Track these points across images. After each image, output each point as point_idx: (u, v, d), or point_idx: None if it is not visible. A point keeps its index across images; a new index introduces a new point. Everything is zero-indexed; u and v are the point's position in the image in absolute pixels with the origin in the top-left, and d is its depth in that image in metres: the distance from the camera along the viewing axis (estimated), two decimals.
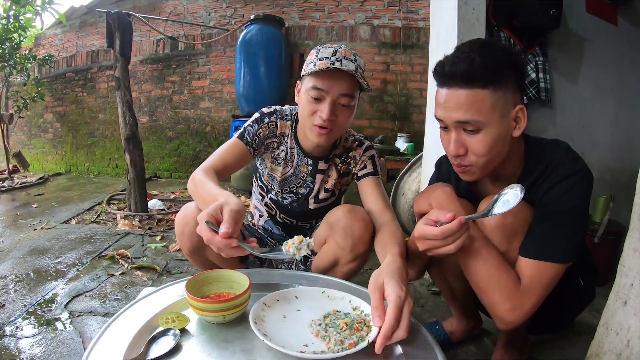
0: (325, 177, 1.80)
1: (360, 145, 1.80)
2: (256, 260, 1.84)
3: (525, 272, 1.19)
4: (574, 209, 1.18)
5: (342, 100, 1.53)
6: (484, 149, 1.19)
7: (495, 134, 1.18)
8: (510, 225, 1.23)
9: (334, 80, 1.51)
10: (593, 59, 2.81)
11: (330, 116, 1.51)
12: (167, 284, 1.25)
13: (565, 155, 1.23)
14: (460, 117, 1.17)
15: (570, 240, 1.18)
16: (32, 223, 3.69)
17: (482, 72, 1.13)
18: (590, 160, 2.73)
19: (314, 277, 1.38)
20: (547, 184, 1.22)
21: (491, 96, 1.14)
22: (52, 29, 6.94)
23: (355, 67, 1.53)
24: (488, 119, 1.16)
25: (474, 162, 1.23)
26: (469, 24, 2.25)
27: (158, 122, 6.17)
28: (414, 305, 2.11)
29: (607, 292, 2.18)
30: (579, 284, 1.41)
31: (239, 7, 5.72)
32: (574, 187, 1.18)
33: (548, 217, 1.19)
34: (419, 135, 4.63)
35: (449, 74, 1.17)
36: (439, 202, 1.31)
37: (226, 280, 1.17)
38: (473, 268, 1.24)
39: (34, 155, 7.29)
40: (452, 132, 1.22)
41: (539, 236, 1.20)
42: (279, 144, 1.78)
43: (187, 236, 1.56)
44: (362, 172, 1.76)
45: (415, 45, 5.28)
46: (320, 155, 1.76)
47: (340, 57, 1.52)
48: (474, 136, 1.19)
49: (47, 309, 2.04)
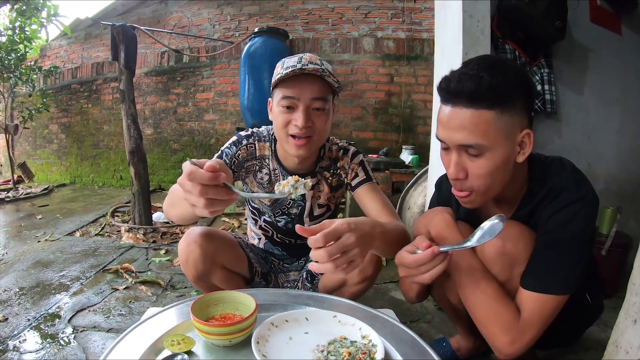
0: (316, 192, 1.76)
1: (346, 152, 1.73)
2: (262, 281, 1.82)
3: (526, 305, 1.16)
4: (578, 237, 1.15)
5: (315, 104, 1.49)
6: (485, 175, 1.14)
7: (499, 159, 1.12)
8: (510, 254, 1.21)
9: (303, 86, 1.47)
10: (598, 69, 2.81)
11: (305, 123, 1.47)
12: (172, 304, 1.24)
13: (570, 178, 1.20)
14: (462, 139, 1.12)
15: (573, 270, 1.15)
16: (36, 235, 3.69)
17: (490, 92, 1.07)
18: (596, 170, 2.77)
19: (321, 298, 1.36)
20: (550, 209, 1.18)
21: (497, 119, 1.09)
22: (57, 41, 6.98)
23: (322, 69, 1.48)
24: (492, 143, 1.10)
25: (474, 187, 1.18)
26: (473, 37, 2.25)
27: (162, 134, 6.18)
28: (420, 320, 2.10)
29: (615, 304, 2.16)
30: (587, 300, 1.39)
31: (243, 19, 5.75)
32: (579, 214, 1.14)
33: (551, 246, 1.16)
34: (423, 147, 4.65)
35: (454, 91, 1.11)
36: (437, 230, 1.30)
37: (232, 301, 1.16)
38: (472, 300, 1.22)
39: (38, 166, 7.31)
40: (453, 153, 1.17)
41: (541, 267, 1.16)
42: (260, 167, 1.72)
43: (191, 264, 1.55)
44: (355, 181, 1.69)
45: (419, 57, 5.28)
46: (305, 171, 1.70)
47: (306, 62, 1.48)
48: (476, 160, 1.13)
49: (51, 324, 2.03)
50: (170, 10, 6.06)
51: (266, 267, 1.86)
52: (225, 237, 1.69)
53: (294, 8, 5.59)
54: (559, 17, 2.49)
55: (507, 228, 1.16)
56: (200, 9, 5.90)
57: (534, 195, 1.24)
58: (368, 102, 5.40)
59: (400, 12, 5.31)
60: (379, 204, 1.60)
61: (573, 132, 2.79)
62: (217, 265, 1.61)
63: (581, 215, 1.14)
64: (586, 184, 1.18)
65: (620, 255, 2.40)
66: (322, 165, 1.73)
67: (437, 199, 1.57)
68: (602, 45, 2.81)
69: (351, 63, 5.37)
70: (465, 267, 1.21)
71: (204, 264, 1.55)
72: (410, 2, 5.29)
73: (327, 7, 5.51)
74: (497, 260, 1.22)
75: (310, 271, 1.78)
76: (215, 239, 1.58)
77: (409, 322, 2.10)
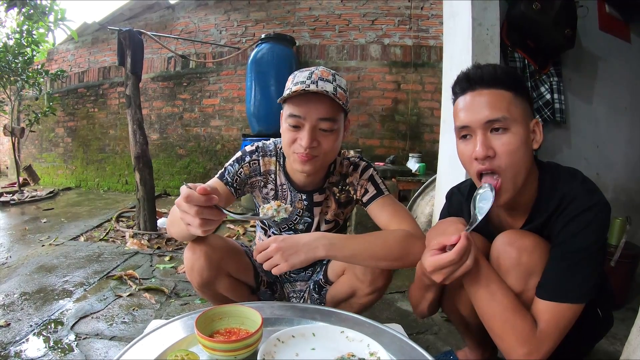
0: (324, 208, 1.70)
1: (355, 168, 1.65)
2: (268, 290, 1.80)
3: (543, 315, 1.15)
4: (591, 246, 1.14)
5: (322, 125, 1.42)
6: (513, 151, 1.17)
7: (523, 135, 1.17)
8: (525, 265, 1.19)
9: (310, 105, 1.41)
10: (607, 77, 2.80)
11: (310, 143, 1.41)
12: (176, 317, 1.22)
13: (581, 188, 1.19)
14: (489, 114, 1.17)
15: (588, 279, 1.15)
16: (41, 239, 3.68)
17: (506, 76, 1.18)
18: (604, 180, 2.74)
19: (328, 312, 1.34)
20: (563, 219, 1.18)
21: (514, 98, 1.18)
22: (64, 44, 7.02)
23: (334, 87, 1.42)
24: (515, 117, 1.17)
25: (503, 165, 1.18)
26: (483, 45, 2.24)
27: (168, 139, 6.19)
28: (427, 332, 2.08)
29: (623, 315, 2.16)
30: (597, 314, 1.37)
31: (249, 25, 5.76)
32: (592, 223, 1.14)
33: (565, 256, 1.15)
34: (430, 155, 4.64)
35: (474, 77, 1.20)
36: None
37: (237, 315, 1.14)
38: (488, 312, 1.20)
39: (44, 169, 7.33)
40: (477, 135, 1.20)
41: (556, 277, 1.16)
42: (266, 182, 1.66)
43: (197, 271, 1.53)
44: (366, 197, 1.62)
45: (426, 64, 5.27)
46: (314, 187, 1.64)
47: (315, 79, 1.42)
48: (502, 137, 1.17)
49: (54, 330, 2.01)
50: (178, 16, 6.08)
51: (272, 277, 1.84)
52: (232, 245, 1.67)
53: (300, 14, 5.60)
54: (568, 25, 2.47)
55: (522, 239, 1.21)
56: (207, 15, 5.92)
57: (545, 205, 1.24)
58: (375, 109, 5.39)
59: (407, 19, 5.31)
60: (387, 215, 1.55)
61: (582, 142, 2.77)
62: (222, 273, 1.59)
63: (594, 224, 1.14)
64: (597, 193, 1.18)
65: (629, 267, 2.38)
66: (331, 181, 1.67)
67: (448, 210, 1.55)
68: (611, 54, 2.79)
69: (358, 70, 5.37)
70: (480, 278, 1.20)
71: (210, 271, 1.53)
72: (417, 9, 5.29)
73: (334, 13, 5.52)
74: (513, 271, 1.21)
75: (317, 282, 1.75)
76: (221, 247, 1.57)
77: (415, 333, 2.07)
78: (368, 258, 1.38)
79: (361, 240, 1.40)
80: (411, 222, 1.52)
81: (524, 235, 1.22)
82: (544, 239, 1.23)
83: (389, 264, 1.42)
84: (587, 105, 2.78)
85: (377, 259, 1.38)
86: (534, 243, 1.21)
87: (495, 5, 2.28)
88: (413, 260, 1.39)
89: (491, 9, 2.27)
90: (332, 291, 1.69)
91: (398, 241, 1.39)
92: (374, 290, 1.54)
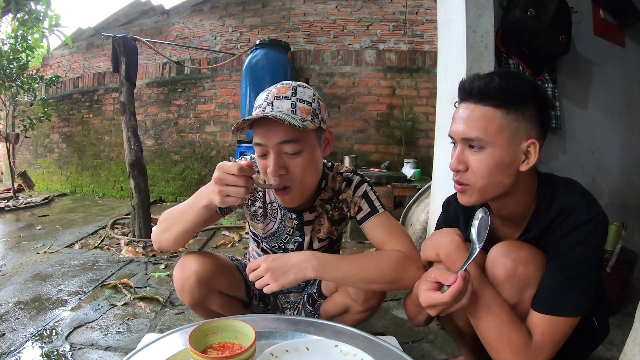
0: (316, 226, 1.62)
1: (349, 184, 1.55)
2: (260, 303, 1.78)
3: (538, 328, 1.14)
4: (589, 258, 1.14)
5: (286, 148, 1.31)
6: (484, 170, 1.17)
7: (498, 157, 1.16)
8: (521, 276, 1.19)
9: (268, 130, 1.29)
10: (602, 82, 2.80)
11: (276, 171, 1.31)
12: (169, 331, 1.21)
13: (580, 200, 1.19)
14: (465, 132, 1.18)
15: (585, 292, 1.14)
16: (35, 246, 3.66)
17: (497, 92, 1.14)
18: (600, 185, 2.75)
19: (322, 325, 1.32)
20: (561, 231, 1.17)
21: (501, 118, 1.14)
22: (59, 50, 7.00)
23: (293, 103, 1.32)
24: (493, 139, 1.15)
25: (472, 181, 1.20)
26: (477, 52, 2.24)
27: (163, 145, 6.17)
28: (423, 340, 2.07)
29: (619, 321, 2.17)
30: (594, 323, 1.36)
31: (244, 31, 5.75)
32: (590, 236, 1.14)
33: (563, 268, 1.15)
34: (425, 160, 4.64)
35: (467, 88, 1.20)
36: (446, 253, 1.28)
37: (231, 329, 1.12)
38: (483, 324, 1.19)
39: (39, 175, 7.30)
40: (458, 146, 1.22)
41: (553, 290, 1.15)
42: (254, 200, 1.60)
43: (187, 292, 1.51)
44: (360, 215, 1.53)
45: (421, 69, 5.27)
46: (303, 207, 1.55)
47: (271, 99, 1.33)
48: (476, 154, 1.18)
49: (48, 340, 2.00)
50: (172, 22, 6.08)
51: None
52: (221, 261, 1.64)
53: (295, 20, 5.59)
54: (563, 31, 2.47)
55: (517, 250, 1.20)
56: (202, 21, 5.91)
57: (542, 216, 1.23)
58: (370, 114, 5.39)
59: (402, 24, 5.31)
60: (381, 235, 1.50)
61: (577, 147, 2.77)
62: (213, 291, 1.57)
63: (592, 237, 1.14)
64: (596, 206, 1.17)
65: (625, 272, 2.38)
66: (322, 198, 1.57)
67: (444, 219, 1.54)
68: (606, 59, 2.79)
69: (353, 75, 5.37)
70: (476, 291, 1.19)
71: (200, 290, 1.52)
72: (412, 14, 5.29)
73: (329, 19, 5.51)
74: (508, 283, 1.20)
75: (311, 295, 1.74)
76: (210, 264, 1.53)
77: (411, 342, 2.06)
78: (359, 281, 1.36)
79: (353, 263, 1.37)
80: (406, 242, 1.47)
81: (520, 246, 1.22)
82: (540, 250, 1.22)
83: (381, 287, 1.41)
84: (582, 111, 2.78)
85: (369, 282, 1.37)
86: (530, 255, 1.20)
87: (489, 11, 2.28)
88: (406, 284, 1.37)
89: (486, 16, 2.27)
90: (325, 306, 1.68)
91: (391, 264, 1.37)
92: (367, 309, 1.53)
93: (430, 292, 1.12)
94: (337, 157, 5.18)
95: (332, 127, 5.27)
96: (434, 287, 1.12)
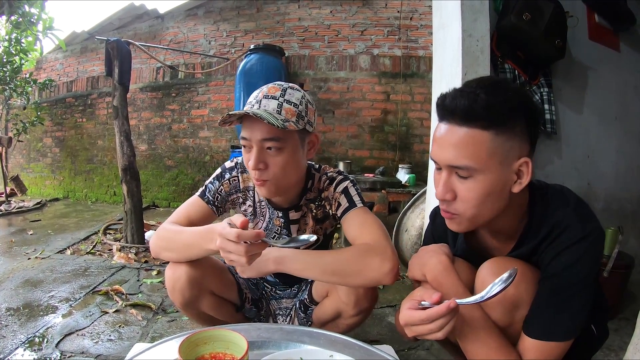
0: (301, 225, 1.65)
1: (331, 183, 1.58)
2: (253, 307, 1.77)
3: (529, 353, 1.09)
4: (584, 279, 1.08)
5: (268, 144, 1.37)
6: (474, 199, 1.08)
7: (489, 184, 1.07)
8: (511, 297, 1.13)
9: (254, 126, 1.37)
10: (597, 87, 2.81)
11: (256, 165, 1.37)
12: (159, 341, 1.18)
13: (574, 214, 1.11)
14: (452, 159, 1.07)
15: (579, 313, 1.09)
16: (27, 251, 3.62)
17: (484, 111, 1.02)
18: (596, 190, 2.75)
19: (317, 334, 1.28)
20: (553, 249, 1.11)
21: (491, 140, 1.04)
22: (53, 53, 6.98)
23: (279, 104, 1.38)
24: (483, 166, 1.05)
25: (461, 211, 1.12)
26: (473, 56, 2.23)
27: (157, 150, 6.13)
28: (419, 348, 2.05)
29: (617, 325, 2.16)
30: (592, 331, 1.34)
31: (239, 36, 5.73)
32: (585, 255, 1.07)
33: (556, 290, 1.09)
34: (420, 166, 4.64)
35: (449, 107, 1.07)
36: (434, 275, 1.23)
37: (222, 340, 1.09)
38: (472, 352, 1.14)
39: (32, 179, 7.26)
40: (443, 172, 1.12)
41: (546, 314, 1.09)
42: (245, 198, 1.65)
43: (178, 291, 1.51)
44: (339, 210, 1.54)
45: (416, 74, 5.27)
46: (289, 205, 1.60)
47: (260, 97, 1.40)
48: (465, 182, 1.08)
49: (38, 348, 1.97)
50: (167, 26, 6.06)
51: (257, 294, 1.81)
52: (213, 262, 1.64)
53: (290, 25, 5.58)
54: (558, 36, 2.48)
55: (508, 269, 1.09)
56: (197, 25, 5.90)
57: (535, 232, 1.17)
58: (364, 120, 5.37)
59: (397, 29, 5.31)
60: (355, 228, 1.49)
61: (573, 152, 2.77)
62: (205, 292, 1.57)
63: (587, 256, 1.07)
64: (592, 220, 1.11)
65: (622, 276, 2.38)
66: (308, 197, 1.61)
67: (432, 232, 1.48)
68: (601, 63, 2.81)
69: (347, 81, 5.36)
70: (464, 316, 1.14)
71: (192, 290, 1.51)
72: (406, 19, 5.29)
73: (323, 24, 5.51)
74: (498, 304, 1.14)
75: (303, 301, 1.73)
76: (202, 265, 1.53)
77: (407, 349, 2.04)
78: (319, 273, 1.37)
79: (313, 254, 1.39)
80: (377, 234, 1.43)
81: (510, 265, 1.11)
82: (531, 265, 1.17)
83: (344, 279, 1.37)
84: (577, 115, 2.79)
85: (329, 274, 1.36)
86: (521, 274, 1.11)
87: (485, 16, 2.27)
88: (370, 276, 1.34)
89: (481, 20, 2.26)
90: (317, 312, 1.67)
91: (351, 255, 1.36)
92: (359, 312, 1.51)
93: (410, 311, 1.05)
94: (332, 162, 5.18)
95: (326, 133, 5.27)
96: (416, 306, 1.05)
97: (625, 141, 2.88)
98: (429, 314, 1.00)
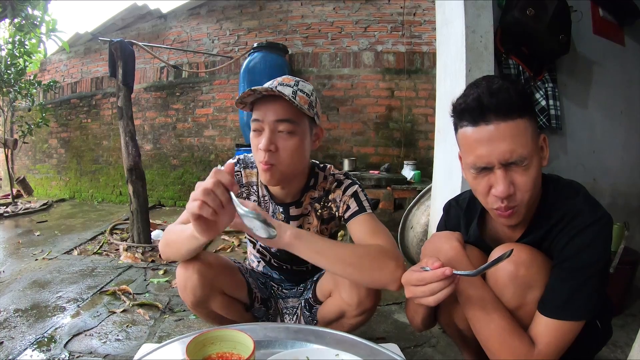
0: (305, 224, 1.66)
1: (339, 185, 1.59)
2: (262, 306, 1.77)
3: (544, 331, 1.12)
4: (598, 261, 1.12)
5: (281, 127, 1.40)
6: (530, 184, 1.12)
7: (538, 166, 1.13)
8: (523, 278, 1.16)
9: (268, 107, 1.40)
10: (602, 82, 2.79)
11: (267, 145, 1.38)
12: (166, 341, 1.18)
13: (584, 202, 1.17)
14: (509, 155, 1.09)
15: (593, 294, 1.12)
16: (34, 252, 3.65)
17: (520, 99, 1.10)
18: (602, 185, 2.73)
19: (323, 333, 1.28)
20: (566, 234, 1.15)
21: (529, 125, 1.11)
22: (57, 55, 7.00)
23: (294, 91, 1.43)
24: (532, 151, 1.11)
25: (519, 201, 1.14)
26: (477, 52, 2.23)
27: (162, 149, 6.15)
28: (425, 344, 2.04)
29: (622, 322, 2.15)
30: (597, 326, 1.35)
31: (242, 34, 5.74)
32: (597, 238, 1.11)
33: (571, 272, 1.13)
34: (425, 162, 4.63)
35: (488, 106, 1.09)
36: (446, 259, 1.24)
37: (229, 340, 1.10)
38: (484, 333, 1.18)
39: (38, 181, 7.30)
40: (497, 171, 1.12)
41: (561, 294, 1.12)
42: (248, 194, 1.67)
43: (190, 290, 1.51)
44: (347, 213, 1.55)
45: (420, 70, 5.25)
46: (290, 201, 1.61)
47: (275, 84, 1.45)
48: (524, 173, 1.12)
49: (47, 348, 1.98)
50: (170, 26, 6.07)
51: (266, 293, 1.81)
52: (224, 262, 1.65)
53: (293, 22, 5.58)
54: (562, 31, 2.46)
55: (518, 252, 1.16)
56: (200, 24, 5.90)
57: (546, 219, 1.21)
58: (369, 116, 5.36)
59: (400, 25, 5.29)
60: (364, 232, 1.49)
61: (578, 147, 2.75)
62: (216, 291, 1.57)
63: (599, 240, 1.12)
64: (601, 207, 1.16)
65: (628, 272, 2.36)
66: (312, 196, 1.63)
67: (445, 223, 1.52)
68: (606, 58, 2.78)
69: (351, 77, 5.35)
70: (476, 298, 1.18)
71: (203, 290, 1.51)
72: (409, 15, 5.28)
73: (327, 21, 5.50)
74: (510, 285, 1.18)
75: (308, 300, 1.74)
76: (214, 265, 1.55)
77: (413, 347, 2.04)
78: (333, 260, 1.33)
79: (331, 243, 1.36)
80: (390, 241, 1.45)
81: (521, 248, 1.18)
82: (542, 252, 1.20)
83: (355, 272, 1.34)
84: (582, 110, 2.77)
85: (342, 264, 1.33)
86: (531, 257, 1.18)
87: (488, 12, 2.26)
88: (385, 279, 1.33)
89: (485, 16, 2.26)
90: (321, 312, 1.67)
91: (370, 253, 1.35)
92: (362, 312, 1.51)
93: (411, 271, 1.12)
94: (337, 159, 5.18)
95: (330, 130, 5.27)
96: (419, 269, 1.10)
97: (631, 136, 2.87)
98: (425, 275, 1.06)
